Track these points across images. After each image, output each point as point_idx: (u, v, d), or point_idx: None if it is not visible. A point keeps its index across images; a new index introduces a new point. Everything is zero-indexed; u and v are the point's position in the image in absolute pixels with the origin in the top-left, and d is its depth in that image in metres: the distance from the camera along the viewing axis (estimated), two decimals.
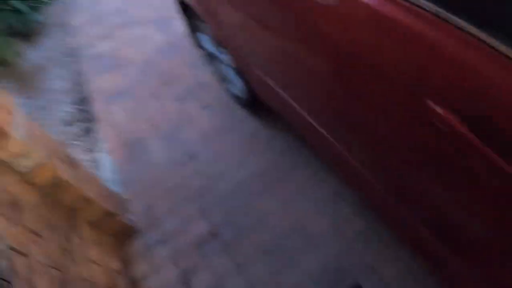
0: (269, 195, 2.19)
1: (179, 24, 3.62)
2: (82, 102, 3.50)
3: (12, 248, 1.44)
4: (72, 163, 2.05)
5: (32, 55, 4.35)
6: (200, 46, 2.69)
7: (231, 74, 2.37)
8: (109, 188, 2.44)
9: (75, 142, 3.19)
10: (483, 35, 0.79)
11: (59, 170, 1.83)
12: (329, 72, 1.24)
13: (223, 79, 2.62)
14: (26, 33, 4.51)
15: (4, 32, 3.84)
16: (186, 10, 2.40)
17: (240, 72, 2.11)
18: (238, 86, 2.39)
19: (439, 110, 0.85)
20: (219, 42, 2.18)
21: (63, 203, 1.92)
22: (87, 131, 3.22)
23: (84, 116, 3.36)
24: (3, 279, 1.18)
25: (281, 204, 2.13)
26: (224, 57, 2.28)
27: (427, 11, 0.90)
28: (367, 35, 1.04)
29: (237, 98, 2.57)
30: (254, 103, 2.34)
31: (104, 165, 2.90)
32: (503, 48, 0.76)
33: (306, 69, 1.36)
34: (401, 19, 0.94)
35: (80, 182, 2.02)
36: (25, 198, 1.68)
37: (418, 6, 0.92)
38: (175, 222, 2.29)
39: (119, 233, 2.32)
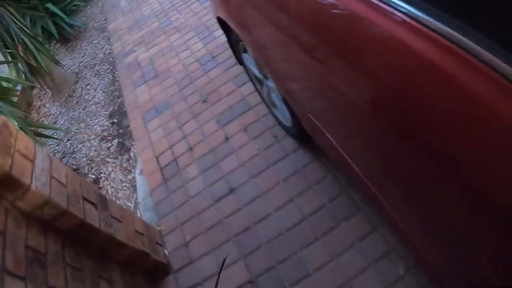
0: (318, 245, 1.96)
1: (222, 33, 3.45)
2: (118, 115, 3.40)
3: None
4: (102, 201, 1.91)
5: (69, 61, 4.31)
6: (244, 66, 2.48)
7: (277, 100, 2.15)
8: (143, 221, 2.29)
9: (109, 160, 3.09)
10: None
11: (85, 214, 1.69)
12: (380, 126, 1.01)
13: (269, 103, 2.40)
14: (63, 38, 4.47)
15: (41, 37, 3.79)
16: (227, 28, 2.19)
17: (285, 101, 1.89)
18: (284, 114, 2.16)
19: None
20: (261, 67, 1.97)
21: (90, 247, 1.79)
22: (122, 148, 3.11)
23: (120, 131, 3.25)
24: None
25: (330, 257, 1.90)
26: (269, 82, 2.06)
27: None
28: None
29: (284, 127, 2.35)
30: (302, 135, 2.12)
31: (139, 187, 2.78)
32: None
33: (353, 114, 1.14)
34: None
35: (110, 223, 1.88)
36: (49, 248, 1.54)
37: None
38: (212, 264, 2.11)
39: (152, 272, 2.18)
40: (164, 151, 2.79)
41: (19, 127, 2.55)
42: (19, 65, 3.40)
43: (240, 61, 2.48)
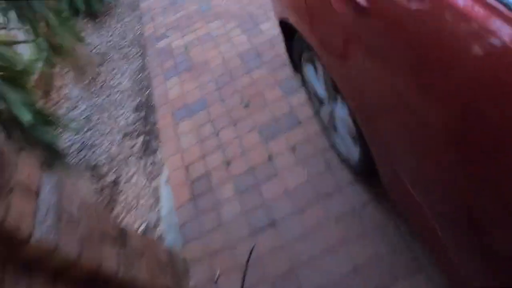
0: None
1: (269, 27, 3.10)
2: (145, 109, 3.09)
3: None
4: (122, 235, 1.62)
5: (96, 39, 4.01)
6: (301, 75, 2.12)
7: (343, 129, 1.79)
8: (167, 250, 2.01)
9: (132, 160, 2.80)
10: None
11: (102, 258, 1.40)
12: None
13: (329, 127, 2.05)
14: (91, 13, 4.17)
15: (67, 13, 3.48)
16: (288, 30, 1.83)
17: (360, 134, 1.53)
18: (350, 147, 1.81)
19: None
20: (336, 88, 1.61)
21: None
22: (147, 149, 2.81)
23: (146, 128, 2.95)
24: None
25: None
26: (338, 107, 1.70)
27: None
28: None
29: (344, 159, 2.00)
30: (369, 174, 1.78)
31: (163, 198, 2.48)
32: None
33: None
34: None
35: (131, 262, 1.59)
36: None
37: None
38: None
39: None
40: (195, 161, 2.48)
41: (34, 120, 2.26)
42: (40, 43, 3.11)
43: (296, 68, 2.13)
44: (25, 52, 3.45)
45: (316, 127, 2.26)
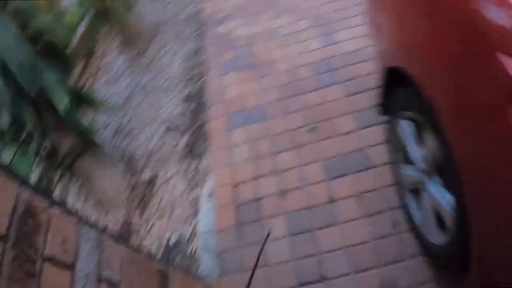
0: None
1: (347, 38, 2.94)
2: (195, 103, 3.01)
3: None
4: (163, 283, 1.55)
5: (148, 8, 3.90)
6: (390, 126, 1.99)
7: (430, 210, 1.65)
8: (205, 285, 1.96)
9: (172, 160, 2.73)
10: None
11: None
12: None
13: (407, 190, 1.92)
14: None
15: None
16: (394, 79, 1.68)
17: (459, 231, 1.40)
18: (431, 229, 1.68)
19: None
20: (442, 169, 1.48)
21: None
22: (192, 151, 2.74)
23: (193, 127, 2.87)
24: None
25: None
26: (437, 189, 1.55)
27: None
28: None
29: (416, 231, 1.88)
30: (446, 266, 1.69)
31: (203, 214, 2.42)
32: None
33: None
34: None
35: None
36: None
37: None
38: None
39: None
40: (245, 181, 2.40)
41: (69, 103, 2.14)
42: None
43: (386, 110, 1.99)
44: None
45: (389, 178, 2.14)
